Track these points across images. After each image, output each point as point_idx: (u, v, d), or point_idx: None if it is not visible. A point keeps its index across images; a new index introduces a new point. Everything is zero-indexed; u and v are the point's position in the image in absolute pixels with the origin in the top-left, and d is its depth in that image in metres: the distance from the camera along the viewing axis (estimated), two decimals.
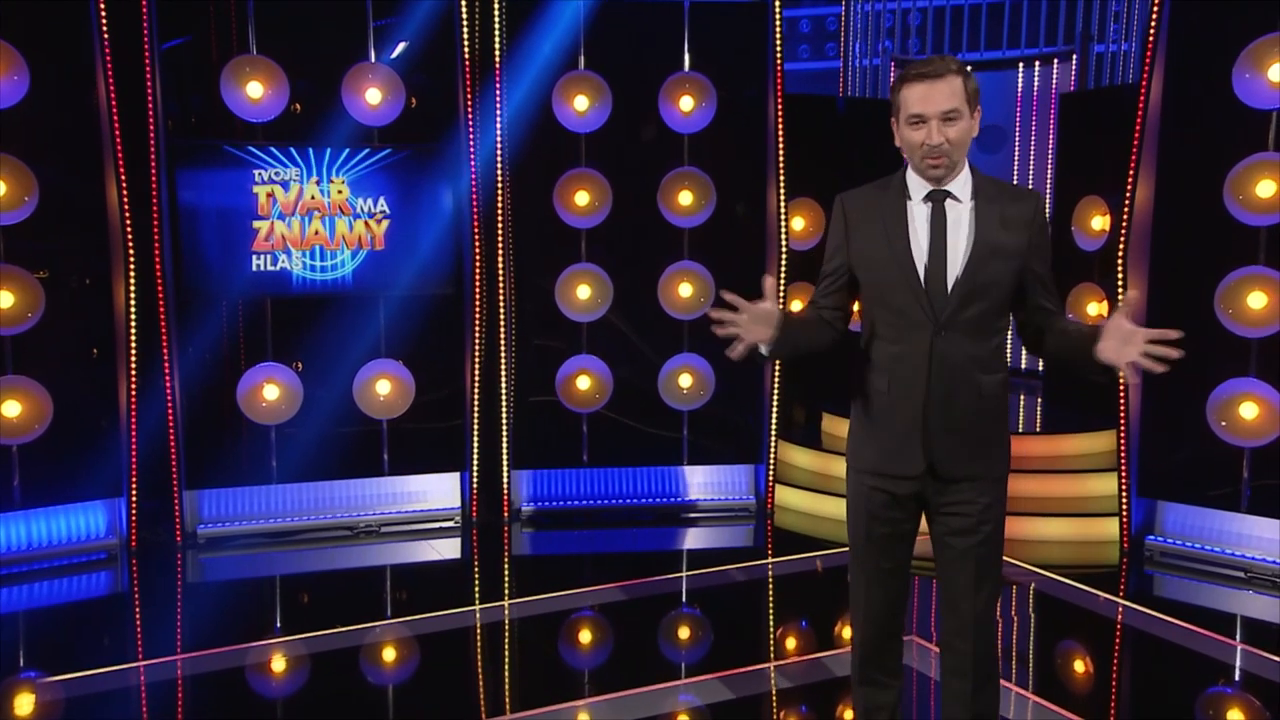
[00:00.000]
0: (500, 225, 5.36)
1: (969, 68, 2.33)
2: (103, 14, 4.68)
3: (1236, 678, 3.76)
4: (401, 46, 5.27)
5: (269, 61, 5.02)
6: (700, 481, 5.77)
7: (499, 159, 5.32)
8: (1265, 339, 4.53)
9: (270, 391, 5.19)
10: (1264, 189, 4.43)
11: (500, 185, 5.34)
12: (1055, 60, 8.59)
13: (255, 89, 4.99)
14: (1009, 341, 2.48)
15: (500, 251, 5.38)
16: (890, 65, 8.90)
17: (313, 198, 5.16)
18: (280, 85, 5.04)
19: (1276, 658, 3.80)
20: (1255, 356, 4.58)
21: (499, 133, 5.30)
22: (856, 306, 2.50)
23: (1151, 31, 4.66)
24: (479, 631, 4.13)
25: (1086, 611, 4.33)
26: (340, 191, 5.19)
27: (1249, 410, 4.56)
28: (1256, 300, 4.48)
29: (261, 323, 5.27)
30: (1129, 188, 4.73)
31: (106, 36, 4.69)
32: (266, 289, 5.17)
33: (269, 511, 5.32)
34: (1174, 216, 4.75)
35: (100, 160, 4.83)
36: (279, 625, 4.30)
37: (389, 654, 3.99)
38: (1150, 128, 4.72)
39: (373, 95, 5.16)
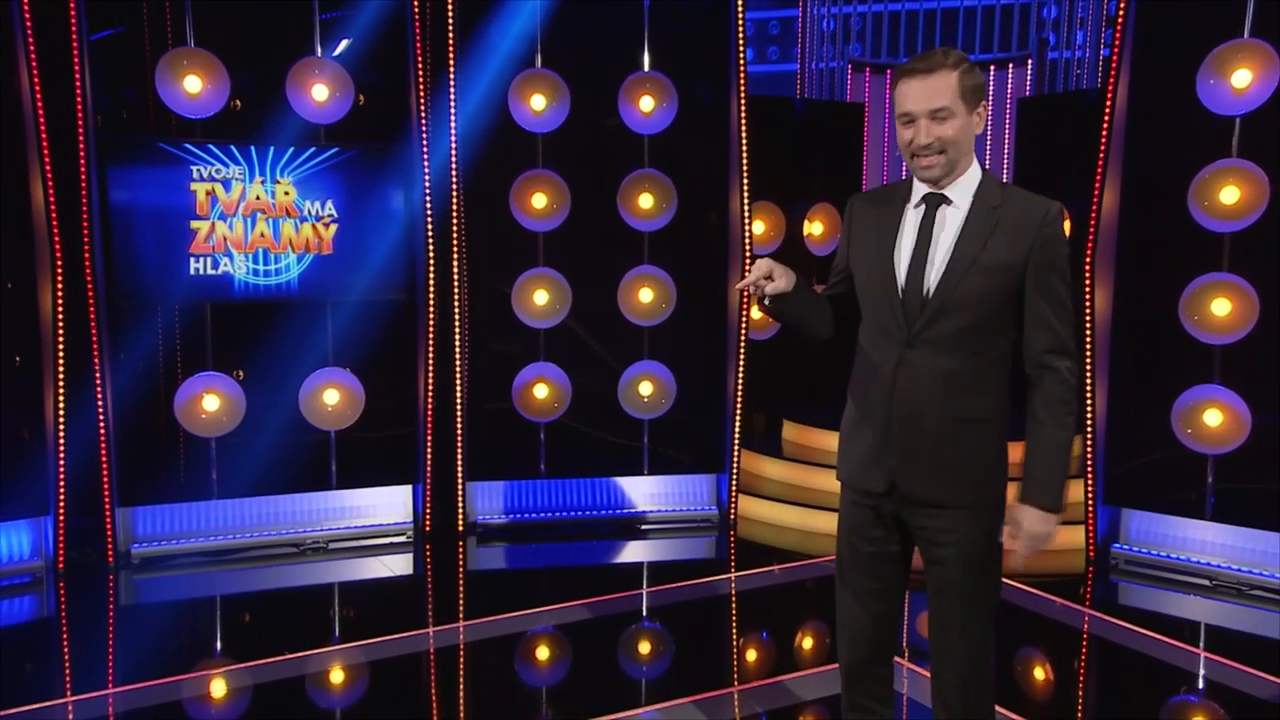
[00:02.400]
0: (455, 228, 5.16)
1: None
2: (25, 1, 4.38)
3: (1201, 686, 3.72)
4: (345, 44, 5.04)
5: (208, 55, 4.77)
6: (661, 492, 5.63)
7: (453, 159, 5.12)
8: (1229, 346, 4.52)
9: (210, 402, 4.92)
10: (1228, 195, 4.42)
11: (454, 187, 5.14)
12: (1010, 65, 8.63)
13: (193, 83, 4.73)
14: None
15: (455, 255, 5.18)
16: (849, 68, 8.86)
17: (257, 198, 4.91)
18: (220, 80, 4.79)
19: (1241, 666, 3.76)
20: (1219, 363, 4.57)
21: (453, 132, 5.10)
22: None
23: (1117, 37, 4.63)
24: (432, 656, 3.93)
25: (1052, 621, 4.27)
26: (287, 193, 4.95)
27: (1213, 417, 4.55)
28: (1221, 307, 4.47)
29: (201, 329, 5.00)
30: (1096, 193, 4.69)
31: (30, 25, 4.39)
32: (206, 294, 4.91)
33: (209, 529, 5.05)
34: (1139, 222, 4.73)
35: (24, 157, 4.52)
36: (220, 652, 4.06)
37: (337, 682, 3.76)
38: (1116, 133, 4.69)
39: (319, 92, 4.93)
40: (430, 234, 5.08)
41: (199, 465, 5.06)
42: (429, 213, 5.08)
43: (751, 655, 4.08)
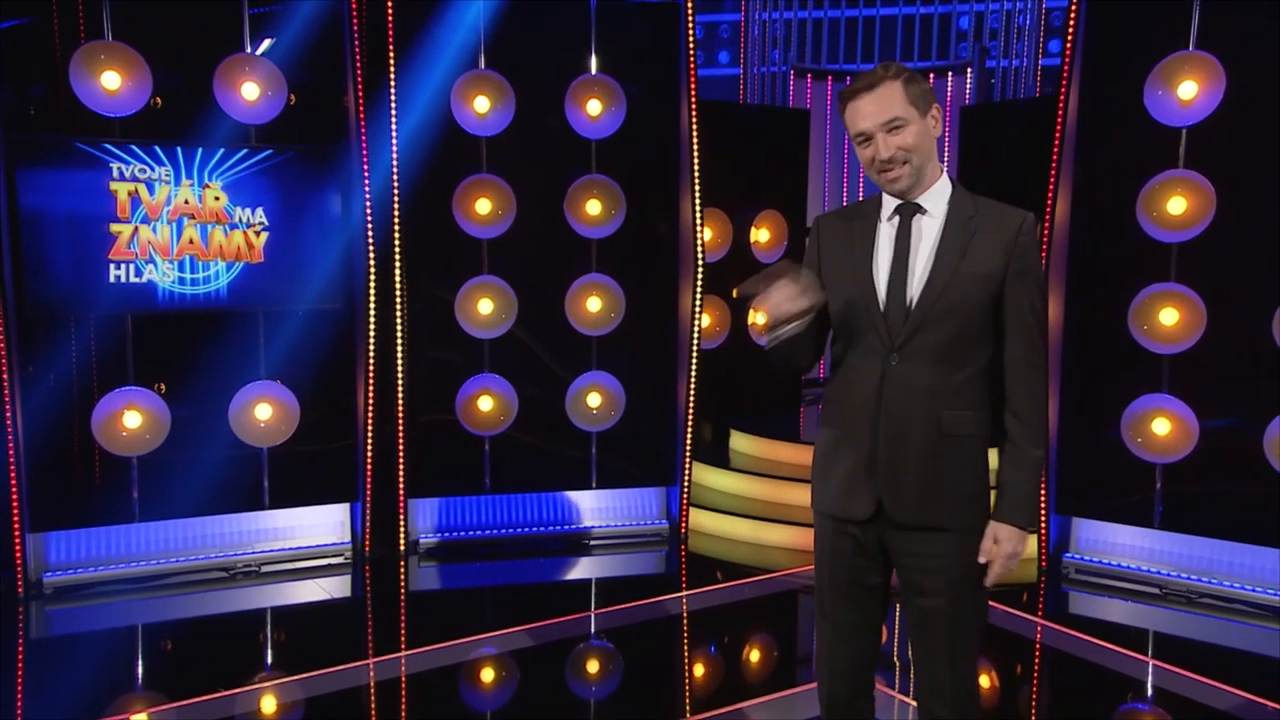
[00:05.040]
0: (396, 235, 4.94)
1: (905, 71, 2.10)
2: None
3: (1151, 694, 3.72)
4: (268, 42, 4.78)
5: (128, 49, 4.48)
6: (610, 506, 5.48)
7: (394, 163, 4.90)
8: (1178, 355, 4.55)
9: (131, 419, 4.62)
10: (1175, 206, 4.44)
11: (395, 192, 4.92)
12: (950, 74, 8.69)
13: (111, 79, 4.44)
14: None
15: (396, 263, 4.95)
16: (790, 74, 8.84)
17: (186, 202, 4.63)
18: (141, 76, 4.51)
19: (1193, 675, 3.77)
20: (1167, 373, 4.60)
21: (393, 134, 4.88)
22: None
23: (1068, 47, 4.63)
24: (373, 689, 3.72)
25: (1005, 631, 4.23)
26: (217, 198, 4.68)
27: (1162, 426, 4.58)
28: (1168, 316, 4.50)
29: (121, 341, 4.70)
30: (1049, 203, 4.68)
31: None
32: (127, 304, 4.61)
33: (130, 554, 4.74)
34: (1089, 232, 4.75)
35: None
36: (142, 689, 3.78)
37: (270, 718, 3.53)
38: (1066, 143, 4.70)
39: (250, 90, 4.67)
40: (371, 241, 4.86)
41: (119, 486, 4.74)
42: (369, 218, 4.85)
43: (712, 680, 3.96)
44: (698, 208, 5.25)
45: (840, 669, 2.23)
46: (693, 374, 5.34)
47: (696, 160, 5.22)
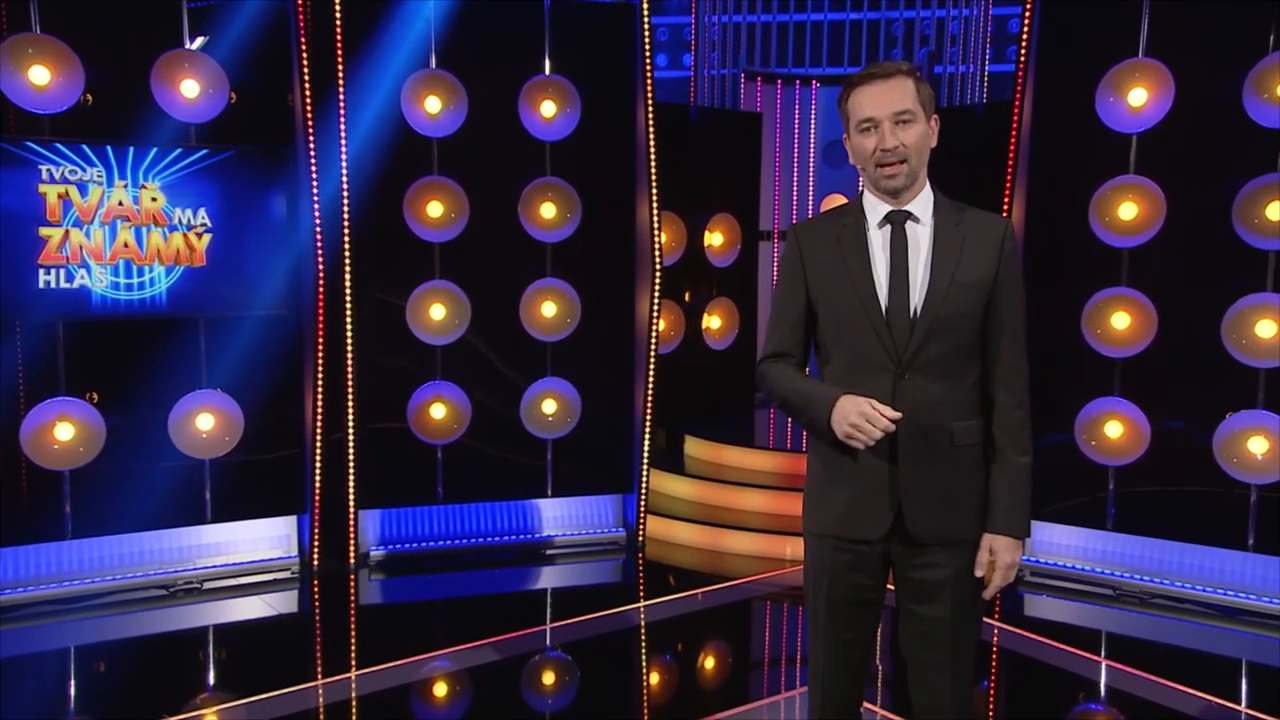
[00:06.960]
0: (345, 238, 4.79)
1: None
2: None
3: (1104, 695, 3.75)
4: (201, 40, 4.61)
5: (57, 42, 4.27)
6: (566, 514, 5.39)
7: (343, 164, 4.74)
8: (1129, 359, 4.61)
9: (63, 431, 4.41)
10: (1126, 211, 4.50)
11: (345, 194, 4.77)
12: None
13: (40, 74, 4.23)
14: None
15: (346, 267, 4.80)
16: (741, 77, 8.83)
17: (120, 204, 4.43)
18: (72, 71, 4.30)
19: (1145, 674, 3.81)
20: (1119, 376, 4.66)
21: (342, 134, 4.73)
22: None
23: (1022, 53, 4.67)
24: (322, 713, 3.57)
25: None
26: (154, 199, 4.48)
27: (1114, 429, 4.63)
28: (1120, 320, 4.56)
29: (52, 350, 4.48)
30: (1005, 208, 4.72)
31: None
32: (59, 310, 4.39)
33: (63, 573, 4.52)
34: (1042, 237, 4.79)
35: None
36: (74, 716, 3.58)
37: None
38: (1021, 149, 4.73)
39: (190, 88, 4.49)
40: (319, 244, 4.70)
41: (50, 502, 4.52)
42: (318, 221, 4.69)
43: (672, 692, 3.89)
44: (655, 211, 5.19)
45: (833, 690, 2.19)
46: (650, 380, 5.27)
47: (654, 162, 5.16)
